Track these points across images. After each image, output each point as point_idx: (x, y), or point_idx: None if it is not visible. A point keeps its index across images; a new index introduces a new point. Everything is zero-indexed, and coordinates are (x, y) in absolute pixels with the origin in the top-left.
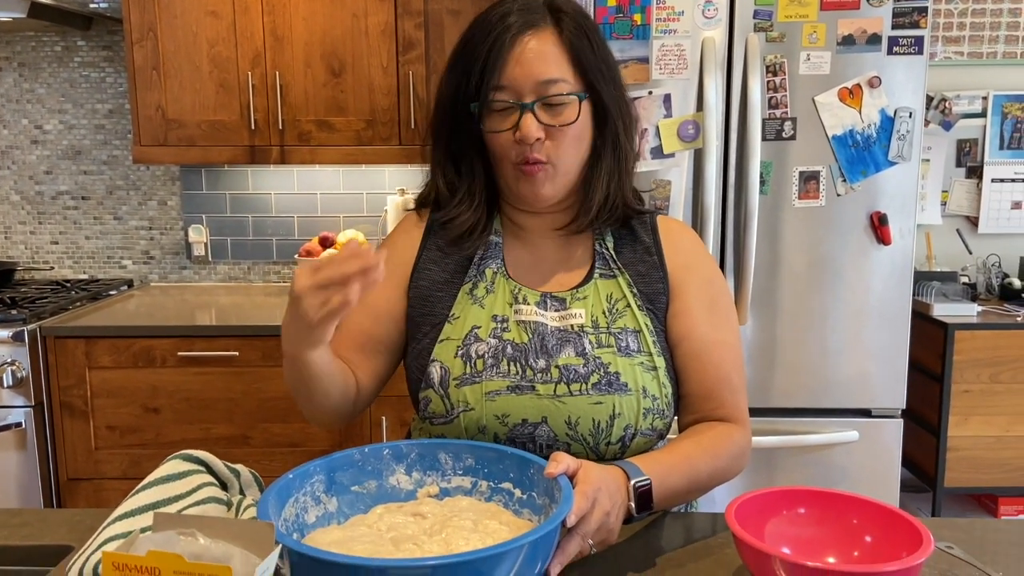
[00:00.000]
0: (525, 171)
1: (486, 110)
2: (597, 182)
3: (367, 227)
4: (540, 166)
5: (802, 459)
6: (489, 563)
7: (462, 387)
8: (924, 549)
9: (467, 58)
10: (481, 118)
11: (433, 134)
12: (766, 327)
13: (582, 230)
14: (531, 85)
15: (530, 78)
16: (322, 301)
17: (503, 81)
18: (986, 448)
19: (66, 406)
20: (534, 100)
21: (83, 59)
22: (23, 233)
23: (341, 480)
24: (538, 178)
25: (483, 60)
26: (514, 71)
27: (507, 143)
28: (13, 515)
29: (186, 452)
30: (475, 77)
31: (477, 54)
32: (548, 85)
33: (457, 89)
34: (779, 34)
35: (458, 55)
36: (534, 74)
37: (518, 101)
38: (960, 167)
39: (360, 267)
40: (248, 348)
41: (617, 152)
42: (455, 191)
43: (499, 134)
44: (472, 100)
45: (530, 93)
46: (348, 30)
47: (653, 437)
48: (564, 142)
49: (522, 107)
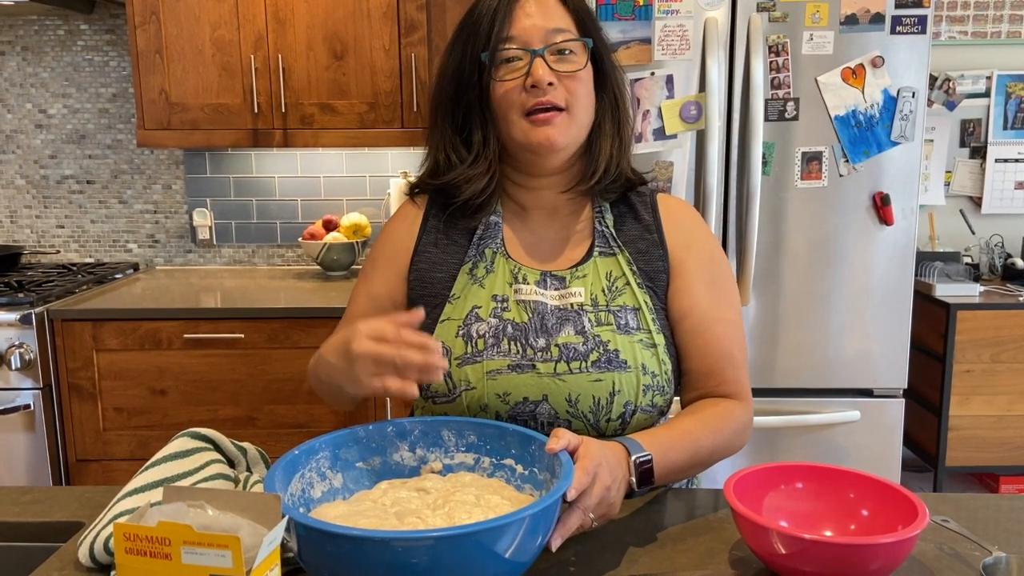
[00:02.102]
0: (539, 119)
1: (496, 61)
2: (602, 144)
3: (370, 210)
4: (555, 112)
5: (804, 439)
6: (491, 535)
7: (463, 366)
8: (919, 522)
9: (475, 18)
10: (493, 71)
11: (437, 106)
12: (769, 308)
13: (584, 194)
14: (540, 34)
15: (538, 28)
16: (374, 372)
17: (513, 31)
18: (987, 427)
19: (74, 388)
20: (543, 47)
21: (86, 43)
22: (29, 217)
23: (346, 457)
24: (553, 123)
25: (491, 15)
26: (523, 21)
27: (517, 94)
28: (24, 492)
29: (194, 430)
30: (483, 32)
31: (484, 11)
32: (555, 33)
33: (464, 49)
34: (782, 14)
35: (464, 20)
36: (541, 24)
37: (527, 48)
38: (964, 147)
39: (422, 362)
40: (253, 330)
41: (617, 117)
42: (462, 160)
43: (509, 83)
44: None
45: (539, 41)
46: (350, 12)
47: (653, 413)
48: (576, 88)
49: (532, 53)
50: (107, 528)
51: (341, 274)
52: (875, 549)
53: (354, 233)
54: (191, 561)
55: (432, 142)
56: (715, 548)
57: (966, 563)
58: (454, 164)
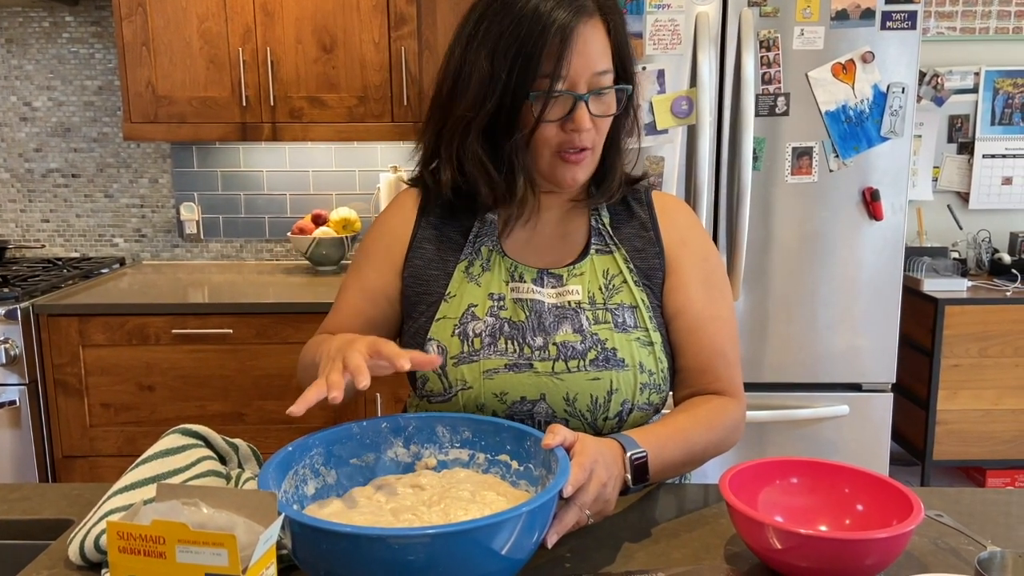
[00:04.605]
0: (570, 159)
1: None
2: (615, 162)
3: (360, 205)
4: (585, 152)
5: (793, 433)
6: (487, 532)
7: (460, 365)
8: (914, 517)
9: (520, 47)
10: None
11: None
12: (758, 302)
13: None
14: (587, 76)
15: (587, 69)
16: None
17: (565, 71)
18: (974, 421)
19: (60, 384)
20: (587, 92)
21: (71, 35)
22: (13, 211)
23: (340, 453)
24: (582, 164)
25: (544, 41)
26: (575, 62)
27: (552, 132)
28: (12, 489)
29: (184, 426)
30: (535, 62)
31: (535, 45)
32: (600, 77)
33: (511, 70)
34: (773, 9)
35: (508, 27)
36: (590, 66)
37: (573, 92)
38: (952, 143)
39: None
40: (242, 326)
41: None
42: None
43: (548, 124)
44: (527, 87)
45: (584, 84)
46: (339, 5)
47: (649, 411)
48: (603, 130)
49: (576, 98)
50: (98, 526)
51: (330, 269)
52: (870, 544)
53: (343, 228)
54: (186, 560)
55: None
56: (710, 543)
57: (961, 558)
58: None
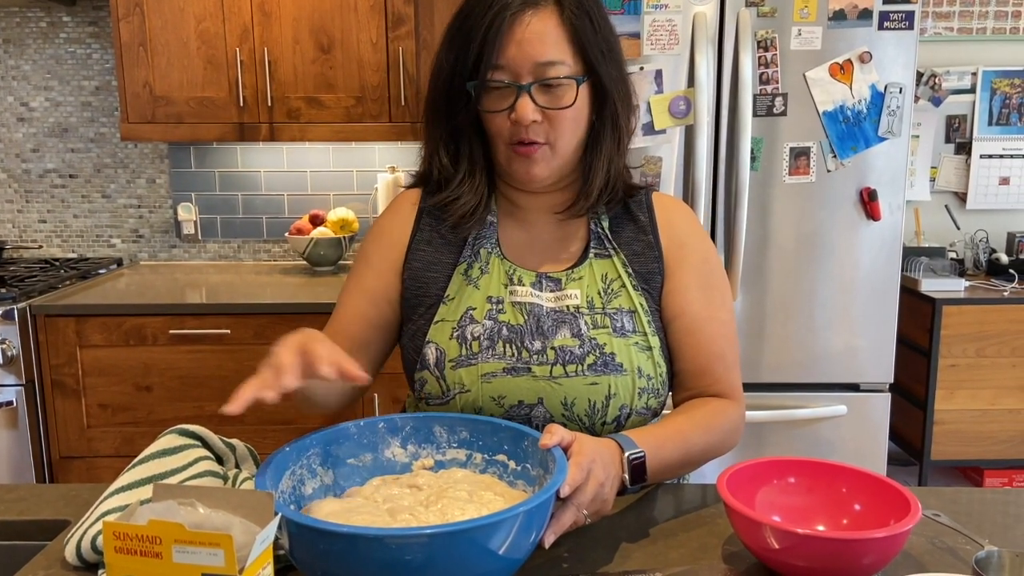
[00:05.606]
0: (520, 151)
1: (483, 90)
2: (598, 165)
3: (357, 205)
4: (536, 146)
5: (791, 433)
6: (485, 532)
7: (458, 369)
8: (912, 516)
9: (464, 35)
10: (478, 98)
11: (430, 112)
12: (756, 302)
13: (582, 214)
14: (529, 67)
15: (528, 59)
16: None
17: (501, 61)
18: (972, 421)
19: (57, 384)
20: (531, 82)
21: (69, 35)
22: (10, 212)
23: (337, 453)
24: (533, 158)
25: (481, 39)
26: (512, 52)
27: (503, 123)
28: (9, 490)
29: (181, 427)
30: (472, 56)
31: (475, 32)
32: (546, 67)
33: (454, 67)
34: (770, 9)
35: (455, 31)
36: (532, 55)
37: (515, 82)
38: (949, 143)
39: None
40: (240, 326)
41: (616, 133)
42: (457, 169)
43: (495, 114)
44: (469, 79)
45: (527, 75)
46: (337, 5)
47: (648, 416)
48: (561, 124)
49: (519, 88)
50: (95, 526)
51: (328, 269)
52: (867, 544)
53: (341, 228)
54: (182, 560)
55: (426, 148)
56: (707, 543)
57: (958, 557)
58: (445, 178)
